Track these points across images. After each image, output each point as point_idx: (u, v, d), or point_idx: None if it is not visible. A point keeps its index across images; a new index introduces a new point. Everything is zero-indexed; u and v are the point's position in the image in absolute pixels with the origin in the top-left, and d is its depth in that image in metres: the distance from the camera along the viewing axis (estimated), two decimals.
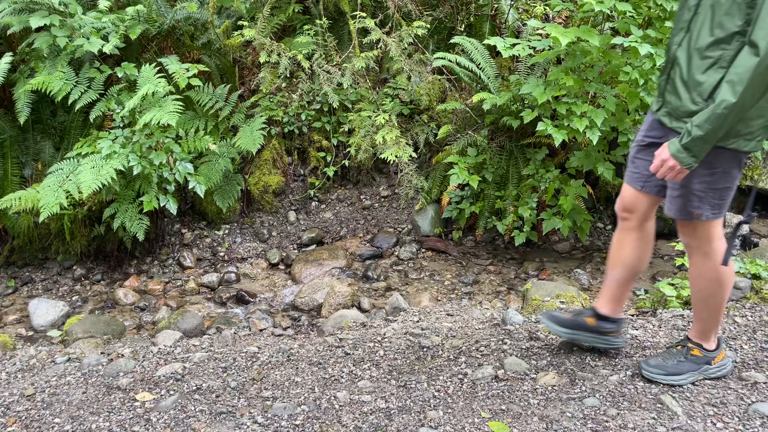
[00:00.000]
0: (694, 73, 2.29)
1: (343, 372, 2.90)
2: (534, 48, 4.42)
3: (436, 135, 5.27)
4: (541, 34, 4.85)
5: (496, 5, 5.71)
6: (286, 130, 5.37)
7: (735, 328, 3.19)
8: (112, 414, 2.62)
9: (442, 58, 4.91)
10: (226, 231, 5.17)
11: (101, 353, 3.34)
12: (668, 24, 4.04)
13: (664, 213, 2.55)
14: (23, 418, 2.64)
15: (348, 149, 5.30)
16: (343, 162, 5.39)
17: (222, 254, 5.00)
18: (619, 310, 2.81)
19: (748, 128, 2.27)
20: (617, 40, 4.07)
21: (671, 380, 2.66)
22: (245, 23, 5.15)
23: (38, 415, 2.65)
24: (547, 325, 2.87)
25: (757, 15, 2.12)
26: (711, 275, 2.53)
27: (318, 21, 5.34)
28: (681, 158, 2.23)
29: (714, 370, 2.70)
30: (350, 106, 5.41)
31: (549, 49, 4.37)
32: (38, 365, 3.20)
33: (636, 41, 3.91)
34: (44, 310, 4.21)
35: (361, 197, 5.48)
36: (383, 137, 4.91)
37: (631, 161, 2.64)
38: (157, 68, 4.64)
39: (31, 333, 4.10)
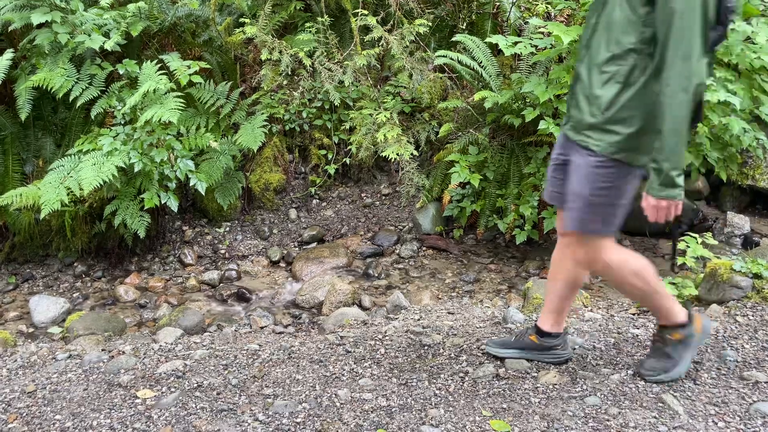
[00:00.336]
0: (594, 87, 2.38)
1: (344, 370, 2.90)
2: (536, 46, 4.41)
3: (437, 133, 5.27)
4: (543, 33, 4.84)
5: (497, 3, 5.70)
6: (287, 127, 5.37)
7: (736, 327, 3.19)
8: (113, 411, 2.62)
9: (443, 56, 4.90)
10: (227, 228, 5.17)
11: (102, 350, 3.34)
12: None
13: (564, 228, 2.59)
14: (24, 414, 2.65)
15: (349, 147, 5.30)
16: (344, 160, 5.39)
17: (223, 252, 5.00)
18: (560, 324, 2.82)
19: (639, 143, 2.35)
20: None
21: (675, 374, 2.66)
22: (247, 20, 5.14)
23: (39, 412, 2.65)
24: (493, 351, 2.91)
25: (666, 35, 2.17)
26: (626, 279, 2.57)
27: (319, 18, 5.34)
28: (667, 194, 2.26)
29: (702, 338, 2.72)
30: (351, 103, 5.41)
31: (551, 48, 4.36)
32: (39, 362, 3.20)
33: None
34: (45, 306, 4.21)
35: (362, 195, 5.48)
36: (384, 135, 4.90)
37: (549, 180, 2.68)
38: (159, 65, 4.64)
39: (31, 330, 4.10)
